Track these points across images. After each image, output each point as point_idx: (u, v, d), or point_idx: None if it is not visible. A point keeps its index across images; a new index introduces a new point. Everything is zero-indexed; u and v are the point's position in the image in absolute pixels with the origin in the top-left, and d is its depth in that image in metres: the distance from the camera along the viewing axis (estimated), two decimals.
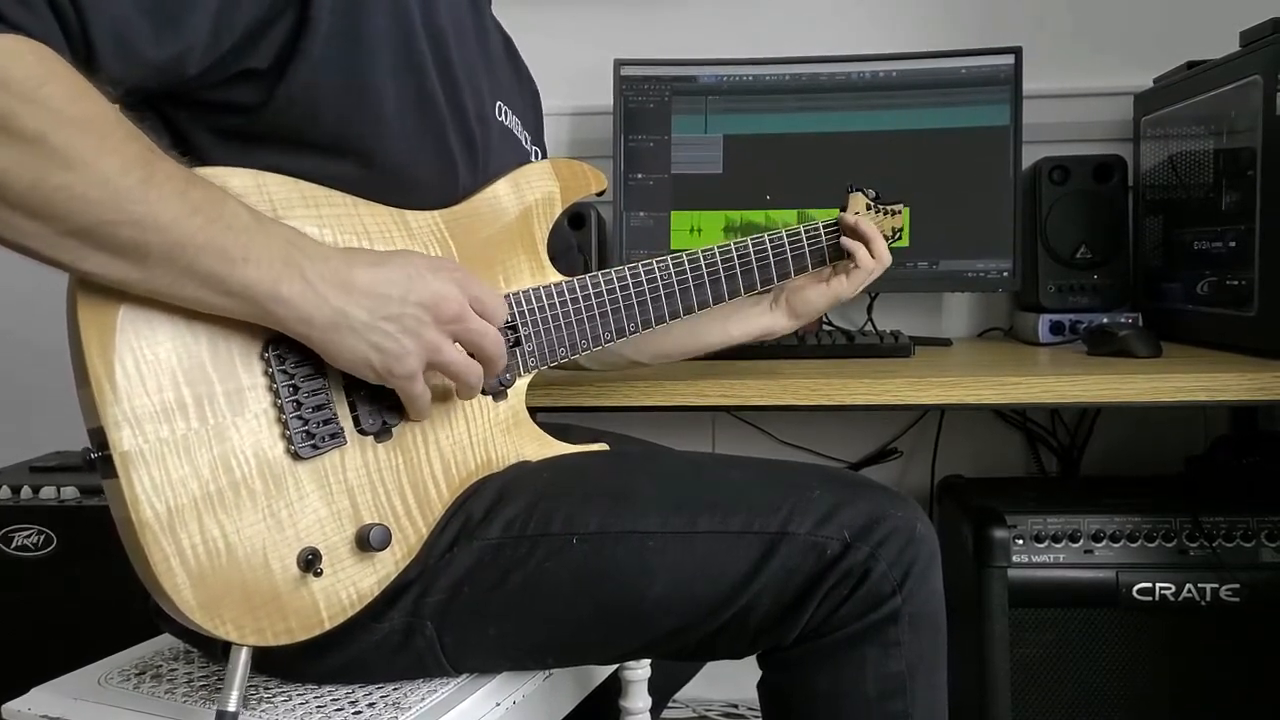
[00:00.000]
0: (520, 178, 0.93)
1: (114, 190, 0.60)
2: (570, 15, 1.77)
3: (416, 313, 0.72)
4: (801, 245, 1.06)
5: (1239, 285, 1.25)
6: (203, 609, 0.66)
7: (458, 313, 0.74)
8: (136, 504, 0.64)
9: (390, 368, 0.72)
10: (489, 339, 0.77)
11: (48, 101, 0.58)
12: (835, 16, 1.74)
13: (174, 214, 0.62)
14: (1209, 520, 1.32)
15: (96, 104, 0.61)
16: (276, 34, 0.73)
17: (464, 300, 0.75)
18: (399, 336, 0.71)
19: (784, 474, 0.86)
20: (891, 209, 1.14)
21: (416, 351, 0.72)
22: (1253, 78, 1.21)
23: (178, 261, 0.63)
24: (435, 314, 0.73)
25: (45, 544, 1.43)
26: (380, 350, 0.71)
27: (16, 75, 0.57)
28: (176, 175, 0.64)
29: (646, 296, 0.96)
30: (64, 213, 0.59)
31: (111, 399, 0.64)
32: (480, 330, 0.76)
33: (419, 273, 0.73)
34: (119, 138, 0.61)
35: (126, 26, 0.65)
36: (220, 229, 0.64)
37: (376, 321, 0.70)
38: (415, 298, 0.72)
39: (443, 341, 0.74)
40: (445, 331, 0.74)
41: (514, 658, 0.85)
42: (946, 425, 1.72)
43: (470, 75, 0.89)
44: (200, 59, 0.70)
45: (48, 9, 0.61)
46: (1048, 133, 1.63)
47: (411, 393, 0.74)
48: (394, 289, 0.71)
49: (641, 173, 1.58)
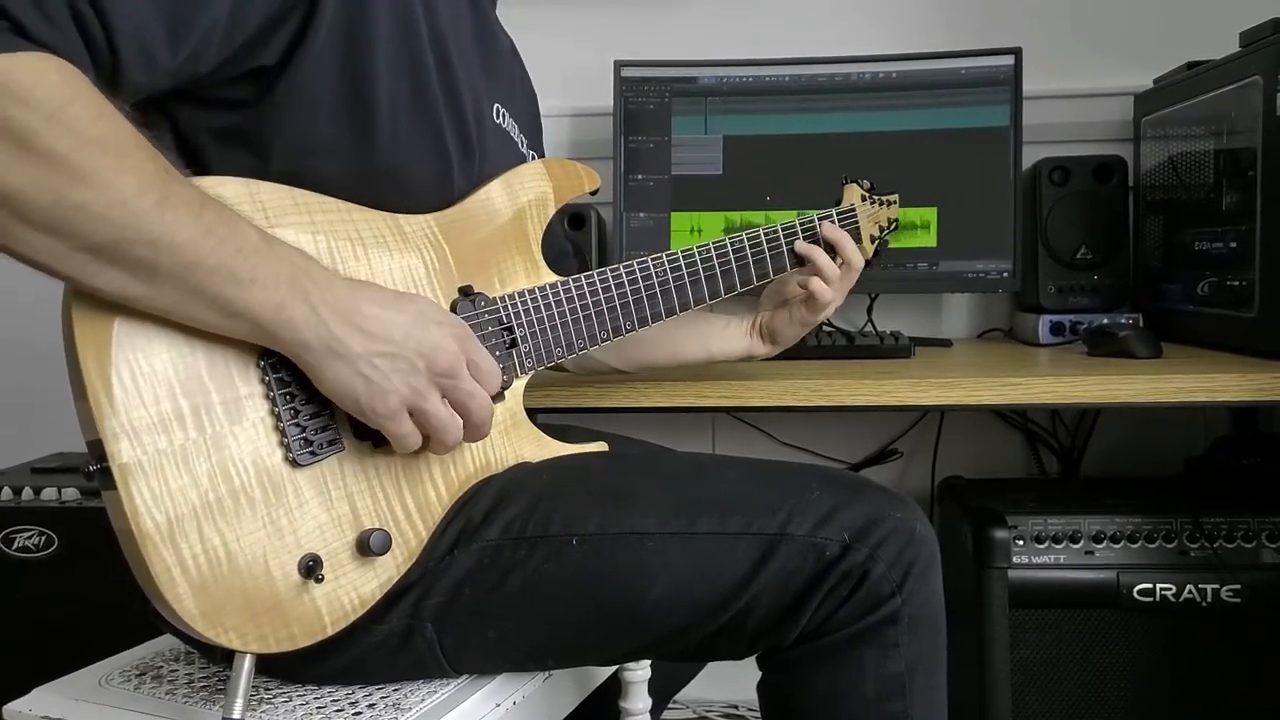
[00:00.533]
0: (514, 178, 0.92)
1: (131, 210, 0.61)
2: (570, 16, 1.77)
3: (411, 358, 0.72)
4: (795, 237, 1.05)
5: (1239, 286, 1.25)
6: (205, 618, 0.66)
7: (451, 368, 0.74)
8: (136, 515, 0.64)
9: (373, 403, 0.71)
10: (476, 401, 0.76)
11: (71, 121, 0.59)
12: (835, 17, 1.74)
13: (188, 235, 0.63)
14: (1209, 521, 1.32)
15: (116, 124, 0.62)
16: (286, 31, 0.74)
17: (461, 358, 0.75)
18: (389, 374, 0.71)
19: (783, 475, 0.86)
20: (887, 199, 1.14)
21: (402, 392, 0.72)
22: (1253, 78, 1.21)
23: (187, 281, 0.64)
24: (429, 363, 0.73)
25: (46, 545, 1.43)
26: (368, 383, 0.71)
27: (41, 95, 0.58)
28: (191, 197, 0.65)
29: (642, 294, 0.96)
30: (80, 231, 0.60)
31: (109, 411, 0.64)
32: (469, 391, 0.76)
33: (423, 321, 0.73)
34: (138, 158, 0.62)
35: (148, 35, 0.65)
36: (231, 251, 0.65)
37: (370, 356, 0.70)
38: (414, 344, 0.72)
39: (430, 392, 0.74)
40: (435, 384, 0.74)
41: (514, 659, 0.85)
42: (947, 426, 1.72)
43: (469, 76, 0.89)
44: (213, 57, 0.70)
45: (73, 25, 0.61)
46: (1048, 133, 1.63)
47: (395, 432, 0.74)
48: (395, 330, 0.71)
49: (642, 174, 1.58)
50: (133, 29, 0.64)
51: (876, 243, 1.13)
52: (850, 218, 1.09)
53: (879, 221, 1.13)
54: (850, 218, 1.09)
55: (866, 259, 1.11)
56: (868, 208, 1.11)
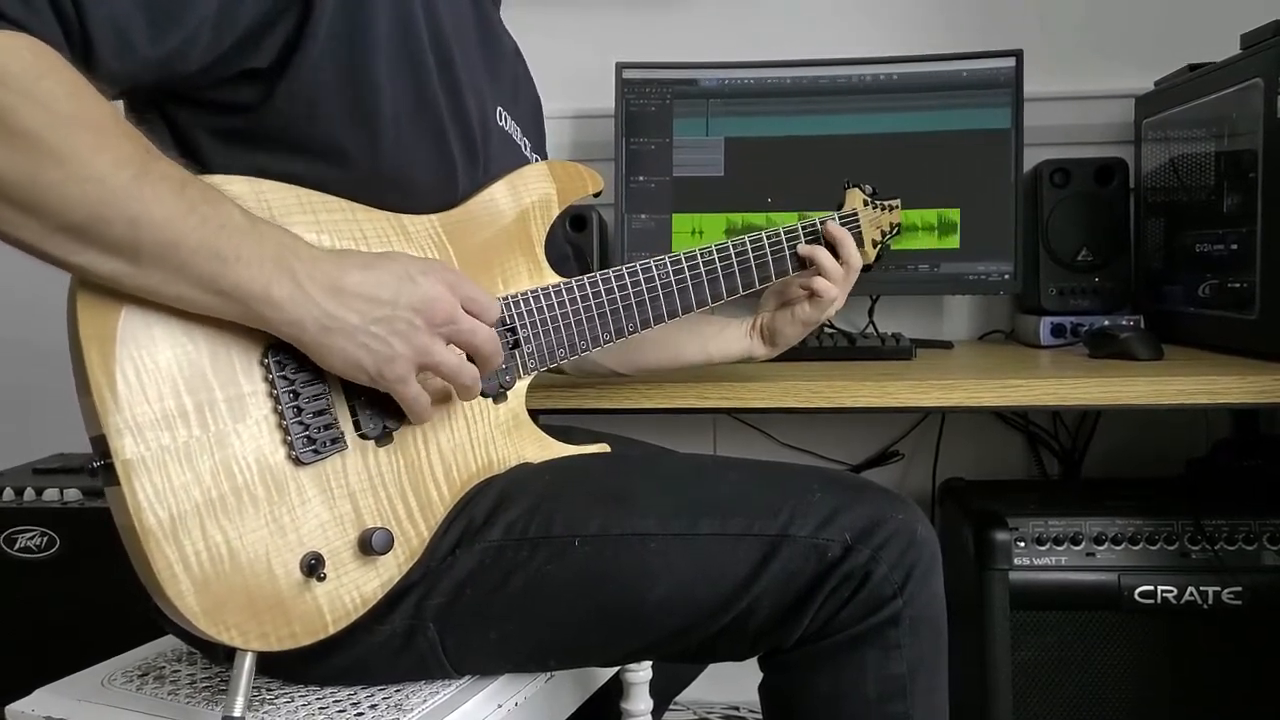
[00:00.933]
0: (517, 180, 0.93)
1: (108, 188, 0.60)
2: (572, 18, 1.77)
3: (407, 315, 0.72)
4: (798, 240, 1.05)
5: (1240, 288, 1.25)
6: (206, 615, 0.66)
7: (449, 314, 0.74)
8: (139, 511, 0.64)
9: (381, 370, 0.72)
10: (480, 336, 0.77)
11: (44, 97, 0.59)
12: (836, 19, 1.74)
13: (168, 213, 0.63)
14: (1211, 523, 1.32)
15: (93, 101, 0.61)
16: (278, 34, 0.73)
17: (455, 302, 0.75)
18: (389, 339, 0.71)
19: (784, 476, 0.86)
20: (889, 204, 1.14)
21: (407, 354, 0.72)
22: (1254, 80, 1.21)
23: (170, 260, 0.63)
24: (427, 317, 0.73)
25: (48, 545, 1.43)
26: (371, 352, 0.71)
27: (14, 71, 0.58)
28: (172, 175, 0.64)
29: (645, 296, 0.96)
30: (57, 209, 0.60)
31: (113, 407, 0.64)
32: (471, 329, 0.76)
33: (410, 275, 0.73)
34: (115, 135, 0.62)
35: (126, 22, 0.65)
36: (214, 229, 0.64)
37: (367, 324, 0.70)
38: (406, 300, 0.72)
39: (433, 344, 0.74)
40: (437, 334, 0.74)
41: (515, 660, 0.85)
42: (948, 428, 1.72)
43: (472, 79, 0.89)
44: (201, 56, 0.70)
45: (48, 6, 0.61)
46: (1049, 135, 1.63)
47: (406, 396, 0.74)
48: (384, 291, 0.71)
49: (643, 175, 1.58)
50: (107, 14, 0.64)
51: (879, 247, 1.13)
52: (852, 222, 1.09)
53: (881, 226, 1.13)
54: (852, 222, 1.09)
55: (868, 263, 1.11)
56: (870, 212, 1.12)
